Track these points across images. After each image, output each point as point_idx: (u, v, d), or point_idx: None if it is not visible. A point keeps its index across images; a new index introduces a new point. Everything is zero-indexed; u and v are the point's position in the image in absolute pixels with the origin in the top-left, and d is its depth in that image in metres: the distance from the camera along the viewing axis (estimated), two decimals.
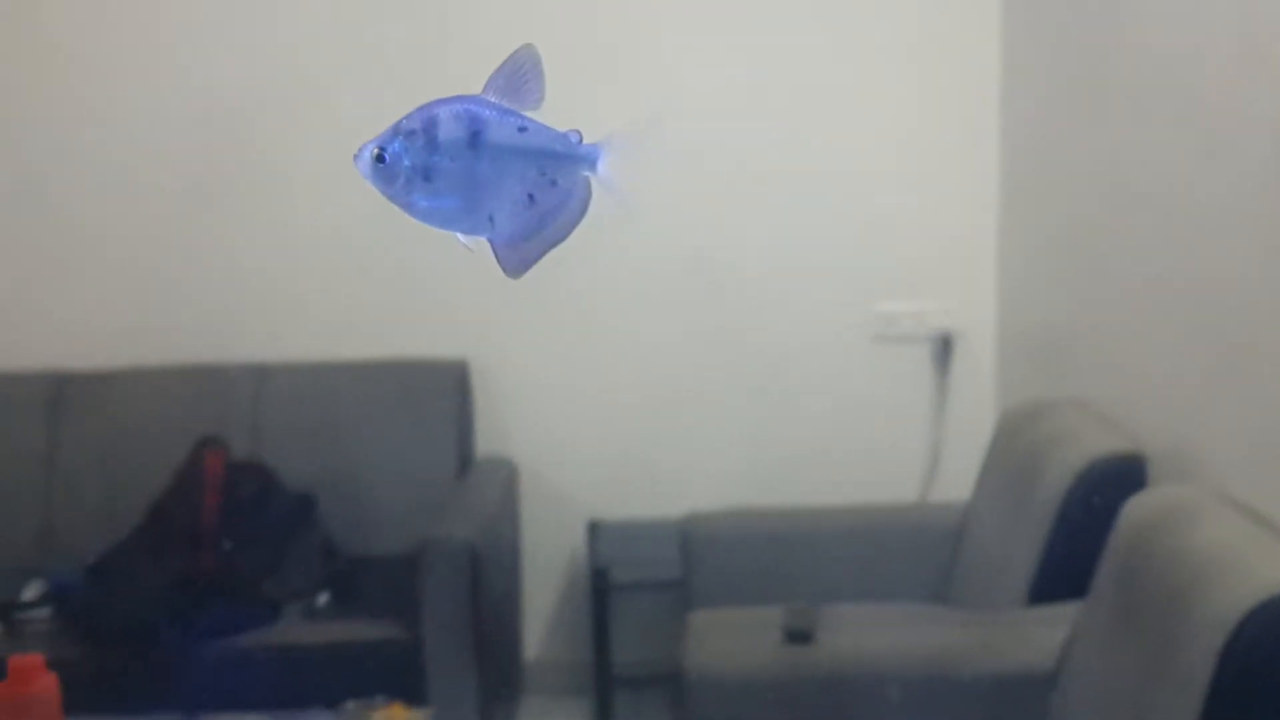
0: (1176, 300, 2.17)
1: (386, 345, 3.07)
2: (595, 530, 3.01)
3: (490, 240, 0.79)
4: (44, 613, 2.67)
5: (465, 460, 3.02)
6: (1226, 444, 2.01)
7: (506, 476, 3.02)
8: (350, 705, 2.17)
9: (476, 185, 0.77)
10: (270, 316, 3.12)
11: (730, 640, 2.07)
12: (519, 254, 0.79)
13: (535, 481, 3.11)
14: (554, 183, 0.78)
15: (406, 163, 0.77)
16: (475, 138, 0.77)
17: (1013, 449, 2.37)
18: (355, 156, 0.77)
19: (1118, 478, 2.04)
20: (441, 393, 3.01)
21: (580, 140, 0.79)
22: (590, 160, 0.79)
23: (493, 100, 0.78)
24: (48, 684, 1.75)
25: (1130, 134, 2.35)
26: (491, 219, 0.78)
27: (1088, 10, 2.58)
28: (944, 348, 3.10)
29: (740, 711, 1.98)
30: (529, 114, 0.79)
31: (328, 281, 3.11)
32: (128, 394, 3.04)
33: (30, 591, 2.74)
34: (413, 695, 2.29)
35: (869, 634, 2.07)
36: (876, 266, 3.11)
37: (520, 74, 0.78)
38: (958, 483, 2.73)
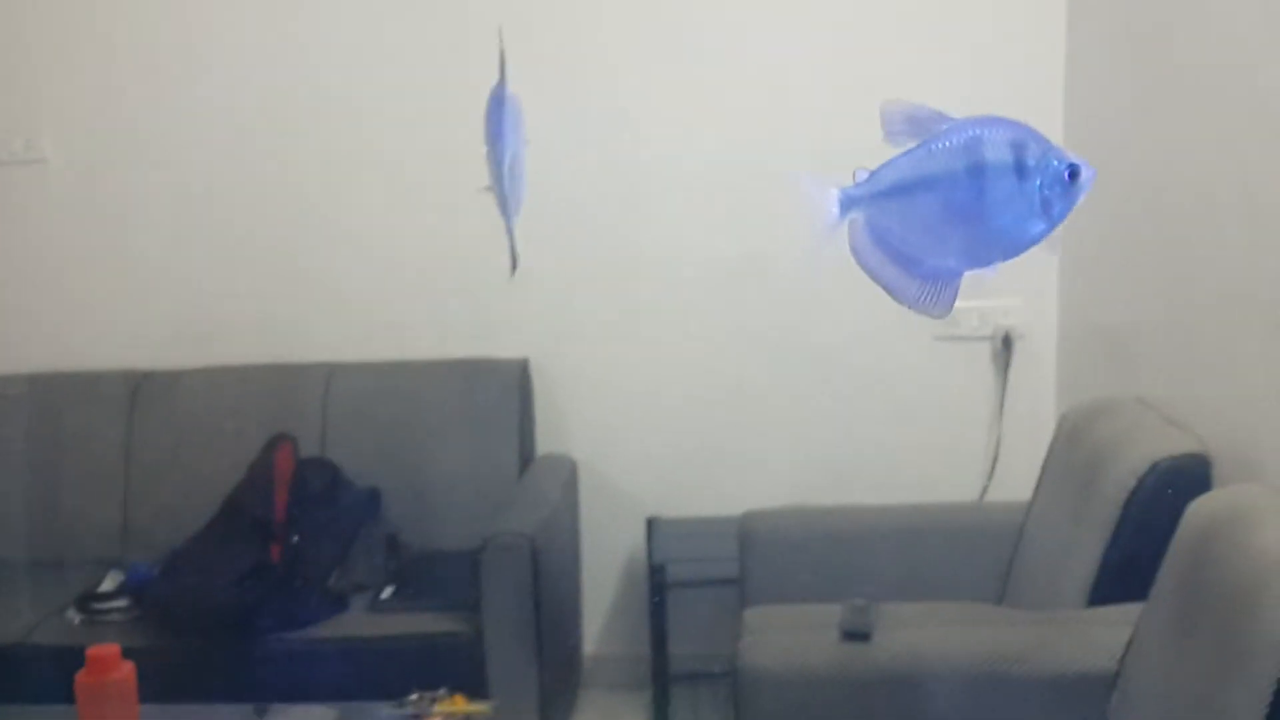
0: (1241, 299, 2.15)
1: (450, 345, 3.12)
2: (653, 527, 3.03)
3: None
4: (121, 603, 2.75)
5: (526, 457, 3.06)
6: None
7: (567, 474, 3.05)
8: (413, 696, 2.21)
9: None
10: (339, 318, 3.18)
11: (786, 637, 2.07)
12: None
13: (594, 479, 3.15)
14: None
15: None
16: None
17: (1074, 449, 2.35)
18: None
19: (1181, 478, 2.01)
20: (503, 392, 3.05)
21: None
22: None
23: None
24: (125, 673, 1.81)
25: (1196, 130, 2.32)
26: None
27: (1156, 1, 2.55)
28: (1005, 346, 3.08)
29: (796, 708, 1.98)
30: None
31: (394, 284, 3.17)
32: (202, 392, 3.11)
33: (108, 583, 2.82)
34: (475, 687, 2.33)
35: (927, 632, 2.07)
36: None
37: None
38: (1018, 483, 2.72)
